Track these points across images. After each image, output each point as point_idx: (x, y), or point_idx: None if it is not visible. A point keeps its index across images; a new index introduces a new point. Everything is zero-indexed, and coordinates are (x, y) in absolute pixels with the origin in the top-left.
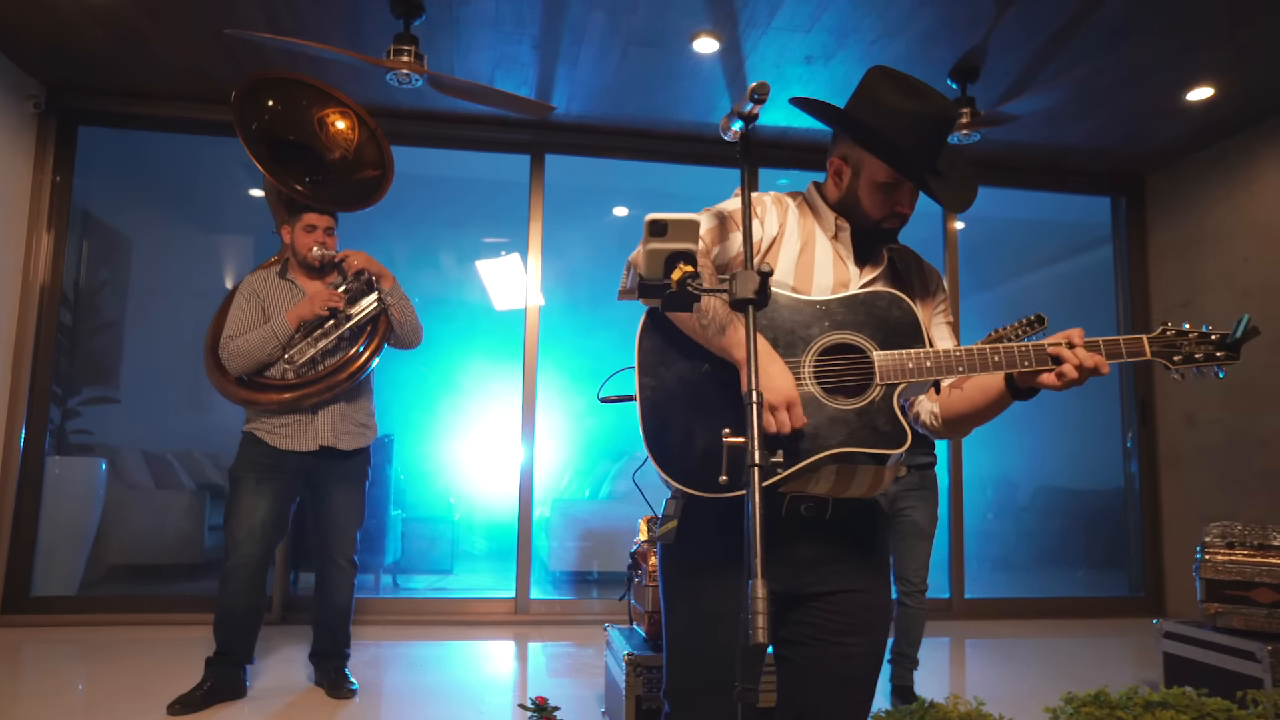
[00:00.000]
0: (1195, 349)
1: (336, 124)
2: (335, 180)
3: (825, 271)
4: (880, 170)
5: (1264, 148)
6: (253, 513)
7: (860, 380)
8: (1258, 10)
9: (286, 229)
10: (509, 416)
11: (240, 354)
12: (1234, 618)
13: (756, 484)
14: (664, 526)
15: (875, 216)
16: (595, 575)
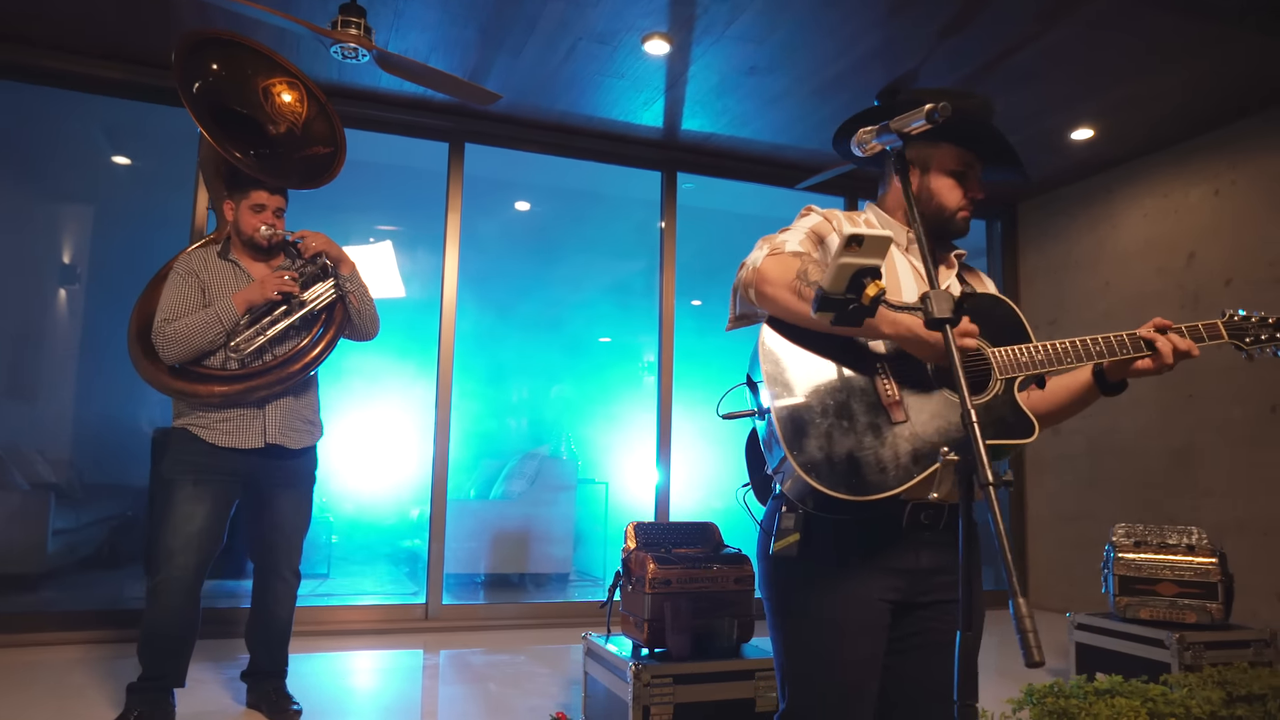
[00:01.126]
0: (1259, 331)
1: (283, 95)
2: (283, 156)
3: (909, 284)
4: (951, 158)
5: (1122, 186)
6: (190, 519)
7: (979, 378)
8: (1133, 70)
9: (229, 205)
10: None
11: (178, 339)
12: (1141, 609)
13: (994, 501)
14: (784, 540)
15: (952, 207)
16: (483, 578)
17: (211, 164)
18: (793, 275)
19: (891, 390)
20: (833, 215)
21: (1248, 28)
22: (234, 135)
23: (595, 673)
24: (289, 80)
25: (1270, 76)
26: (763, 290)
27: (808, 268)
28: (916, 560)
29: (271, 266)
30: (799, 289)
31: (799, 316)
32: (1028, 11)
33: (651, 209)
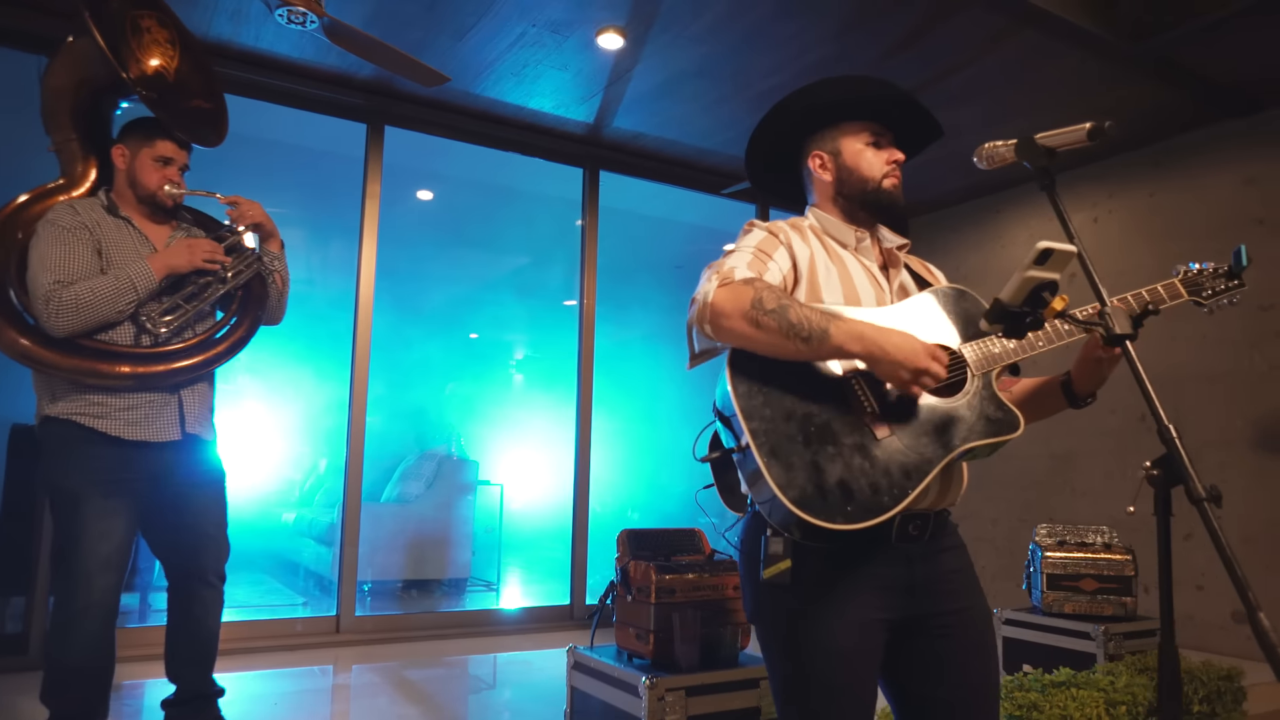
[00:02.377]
0: (1214, 283)
1: (154, 33)
2: (170, 102)
3: (865, 285)
4: (859, 132)
5: (1010, 208)
6: (106, 538)
7: (956, 375)
8: (1053, 99)
9: (121, 152)
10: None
11: (80, 307)
12: (1066, 604)
13: (1212, 517)
14: (774, 567)
15: (876, 175)
16: (369, 585)
17: (66, 96)
18: (748, 304)
19: (871, 405)
20: (777, 228)
21: (1156, 77)
22: None
23: (587, 687)
24: (160, 17)
25: (1148, 119)
26: (719, 324)
27: (762, 295)
28: (910, 574)
29: (170, 229)
30: (757, 318)
31: (761, 346)
32: (965, 42)
33: (557, 205)
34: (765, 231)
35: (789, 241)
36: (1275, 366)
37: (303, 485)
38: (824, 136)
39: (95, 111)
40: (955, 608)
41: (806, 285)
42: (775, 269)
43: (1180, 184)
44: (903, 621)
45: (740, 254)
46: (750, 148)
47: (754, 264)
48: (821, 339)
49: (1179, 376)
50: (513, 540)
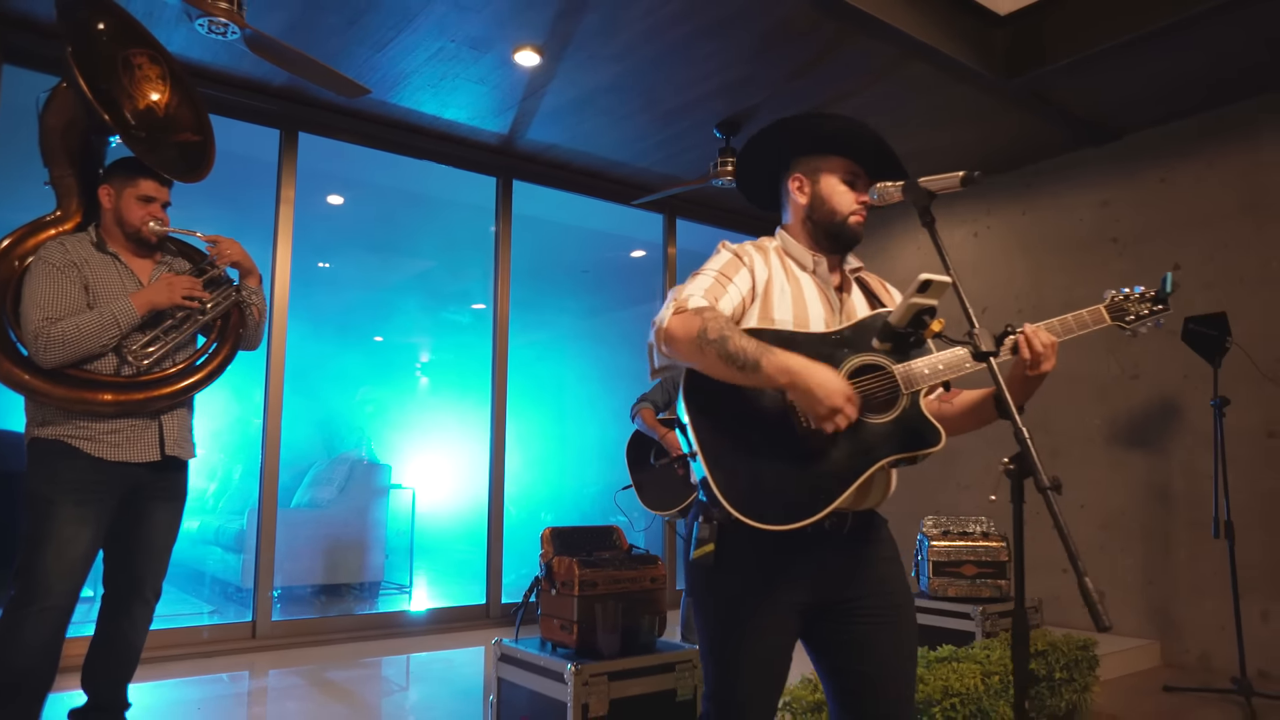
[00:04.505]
0: (1140, 308)
1: (145, 69)
2: (157, 139)
3: (816, 305)
4: (840, 168)
5: (898, 222)
6: (74, 543)
7: (888, 394)
8: (938, 124)
9: (107, 191)
10: None
11: (66, 342)
12: (950, 588)
13: (1054, 503)
14: (701, 549)
15: (844, 211)
16: (279, 591)
17: (58, 134)
18: (695, 333)
19: (807, 423)
20: (743, 251)
21: (1027, 108)
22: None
23: (514, 677)
24: (151, 55)
25: (1020, 144)
26: (671, 348)
27: (708, 325)
28: (824, 564)
29: (154, 262)
30: (701, 346)
31: (706, 369)
32: (859, 70)
33: (476, 213)
34: (731, 254)
35: (751, 264)
36: (1126, 370)
37: (208, 492)
38: (808, 162)
39: (87, 149)
40: (876, 592)
41: (761, 304)
42: (735, 291)
43: (1048, 204)
44: (825, 604)
45: (703, 278)
46: (744, 152)
47: (713, 289)
48: (755, 369)
49: (1048, 378)
50: (427, 543)
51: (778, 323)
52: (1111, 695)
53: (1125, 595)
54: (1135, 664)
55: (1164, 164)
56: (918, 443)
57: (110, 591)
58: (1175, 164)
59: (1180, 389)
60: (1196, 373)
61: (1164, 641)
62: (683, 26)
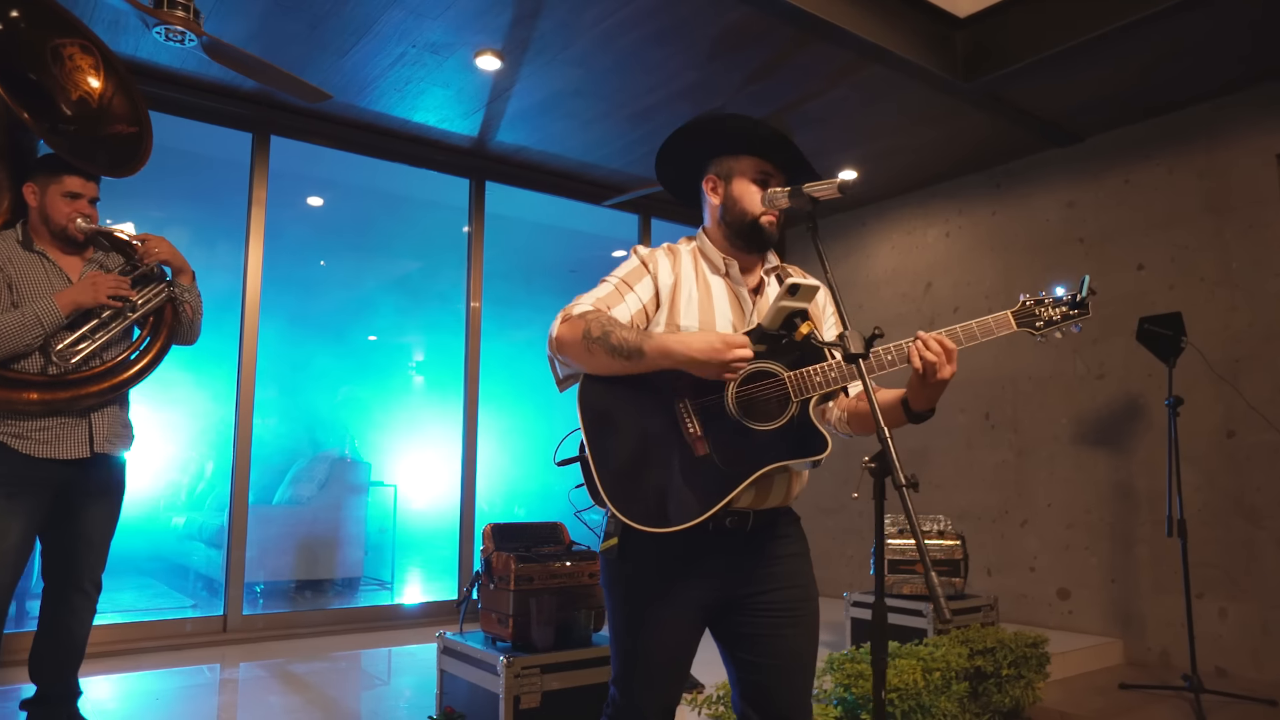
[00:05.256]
0: (1053, 312)
1: (77, 64)
2: (84, 135)
3: (724, 309)
4: (752, 168)
5: (874, 221)
6: (5, 536)
7: (780, 400)
8: (901, 126)
9: (31, 189)
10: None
11: None
12: (905, 585)
13: (909, 503)
14: (606, 543)
15: (755, 211)
16: (261, 586)
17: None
18: (580, 335)
19: (694, 428)
20: (649, 258)
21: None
22: (22, 101)
23: (455, 669)
24: (82, 44)
25: (987, 144)
26: (564, 354)
27: (590, 325)
28: (727, 560)
29: (84, 259)
30: (588, 345)
31: (599, 367)
32: (818, 72)
33: (453, 213)
34: (638, 261)
35: (656, 271)
36: (1091, 370)
37: (192, 489)
38: (721, 163)
39: (16, 144)
40: (779, 588)
41: (667, 310)
42: (634, 299)
43: (1015, 204)
44: (729, 599)
45: (603, 286)
46: (662, 153)
47: (609, 297)
48: (639, 355)
49: (1016, 377)
50: (411, 540)
51: (683, 328)
52: (1066, 692)
53: (1090, 594)
54: (1097, 661)
55: (1127, 165)
56: (804, 450)
57: (50, 584)
58: (1137, 165)
59: (1144, 388)
60: (1160, 372)
61: (1126, 639)
62: (634, 32)
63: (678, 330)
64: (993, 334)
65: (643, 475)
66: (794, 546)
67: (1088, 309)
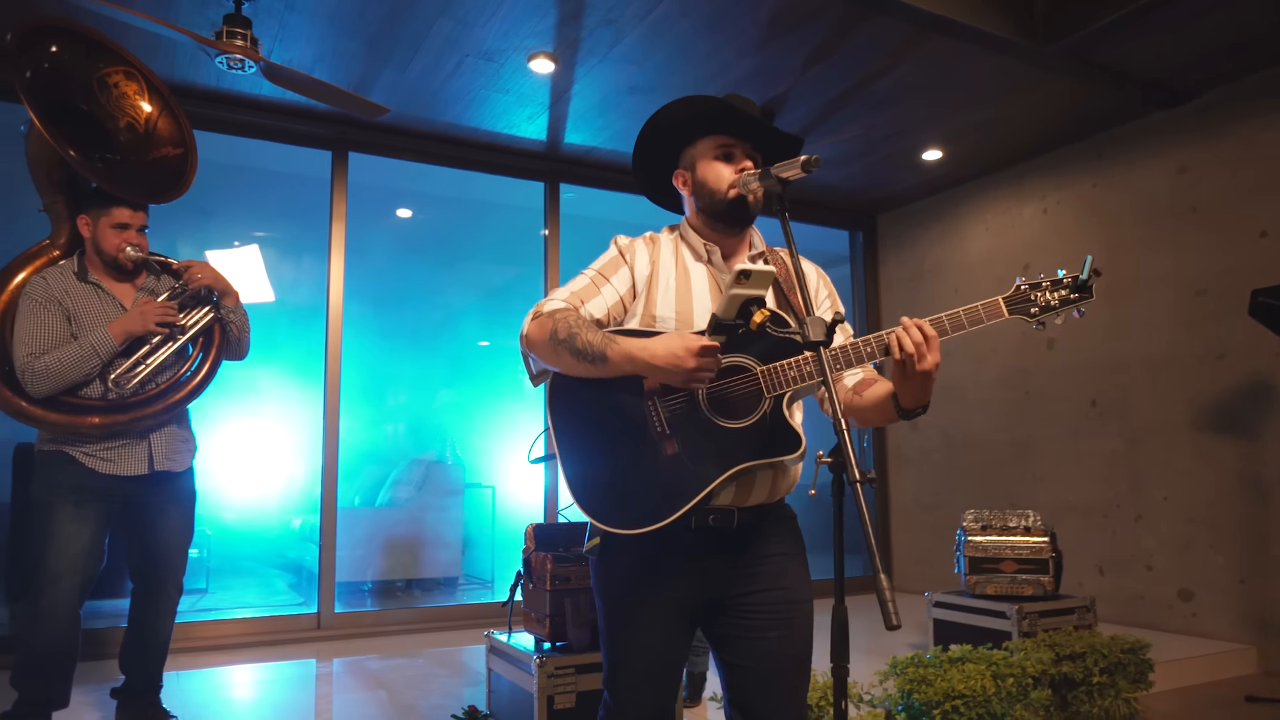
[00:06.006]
0: (1051, 296)
1: (122, 86)
2: (132, 161)
3: (704, 298)
4: (710, 147)
5: (968, 202)
6: (74, 540)
7: (753, 396)
8: (982, 98)
9: (85, 221)
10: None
11: (50, 374)
12: (988, 585)
13: (860, 496)
14: (590, 542)
15: (723, 188)
16: (369, 585)
17: (43, 164)
18: (548, 336)
19: (662, 427)
20: (628, 248)
21: (1083, 74)
22: (71, 135)
23: (499, 668)
24: (126, 71)
25: (1084, 112)
26: (533, 352)
27: (557, 326)
28: (711, 559)
29: (136, 286)
30: (554, 347)
31: (566, 368)
32: (879, 49)
33: (534, 216)
34: (616, 251)
35: (633, 261)
36: (1210, 350)
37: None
38: (685, 155)
39: (73, 179)
40: (759, 589)
41: (645, 300)
42: (610, 291)
43: (1119, 174)
44: (716, 599)
45: (580, 278)
46: (639, 181)
47: (584, 290)
48: (603, 360)
49: (1125, 360)
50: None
51: (659, 319)
52: (1181, 703)
53: (1216, 596)
54: (1224, 670)
55: (1247, 123)
56: (775, 449)
57: (137, 587)
58: (1260, 122)
59: (1273, 368)
60: None
61: (1262, 647)
62: (681, 24)
63: (654, 321)
64: (982, 322)
65: (612, 475)
66: (781, 546)
67: (1090, 292)
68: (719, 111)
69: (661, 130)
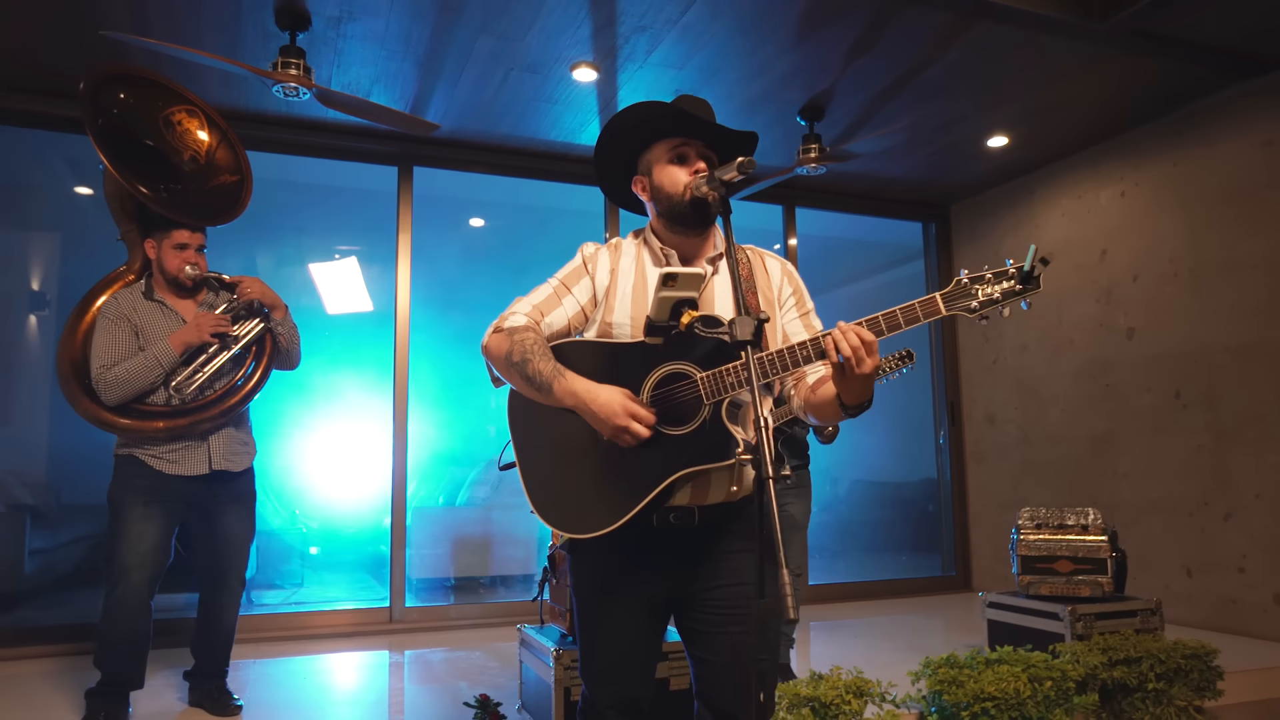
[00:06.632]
0: (994, 289)
1: (185, 123)
2: (193, 189)
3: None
4: (664, 151)
5: (1041, 188)
6: (143, 538)
7: (696, 401)
8: (1041, 80)
9: (150, 244)
10: (359, 424)
11: (120, 383)
12: (1042, 586)
13: (772, 493)
14: (563, 539)
15: (679, 190)
16: (452, 581)
17: (117, 199)
18: (503, 355)
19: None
20: (591, 257)
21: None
22: (140, 170)
23: (528, 661)
24: (188, 109)
25: (1159, 88)
26: (490, 363)
27: (513, 348)
28: (673, 556)
29: (197, 302)
30: (506, 367)
31: (516, 386)
32: (922, 38)
33: (596, 220)
34: (580, 261)
35: (594, 271)
36: None
37: None
38: (641, 160)
39: (144, 208)
40: (720, 585)
41: (603, 308)
42: (572, 302)
43: (1201, 152)
44: (680, 595)
45: (543, 288)
46: (605, 195)
47: (547, 302)
48: (549, 392)
49: (1210, 348)
50: None
51: (615, 326)
52: (1259, 715)
53: None
54: None
55: None
56: (713, 455)
57: (203, 581)
58: None
59: None
60: None
61: None
62: (714, 26)
63: (610, 328)
64: (920, 320)
65: (563, 480)
66: (743, 543)
67: (1037, 283)
68: (664, 116)
69: (617, 138)
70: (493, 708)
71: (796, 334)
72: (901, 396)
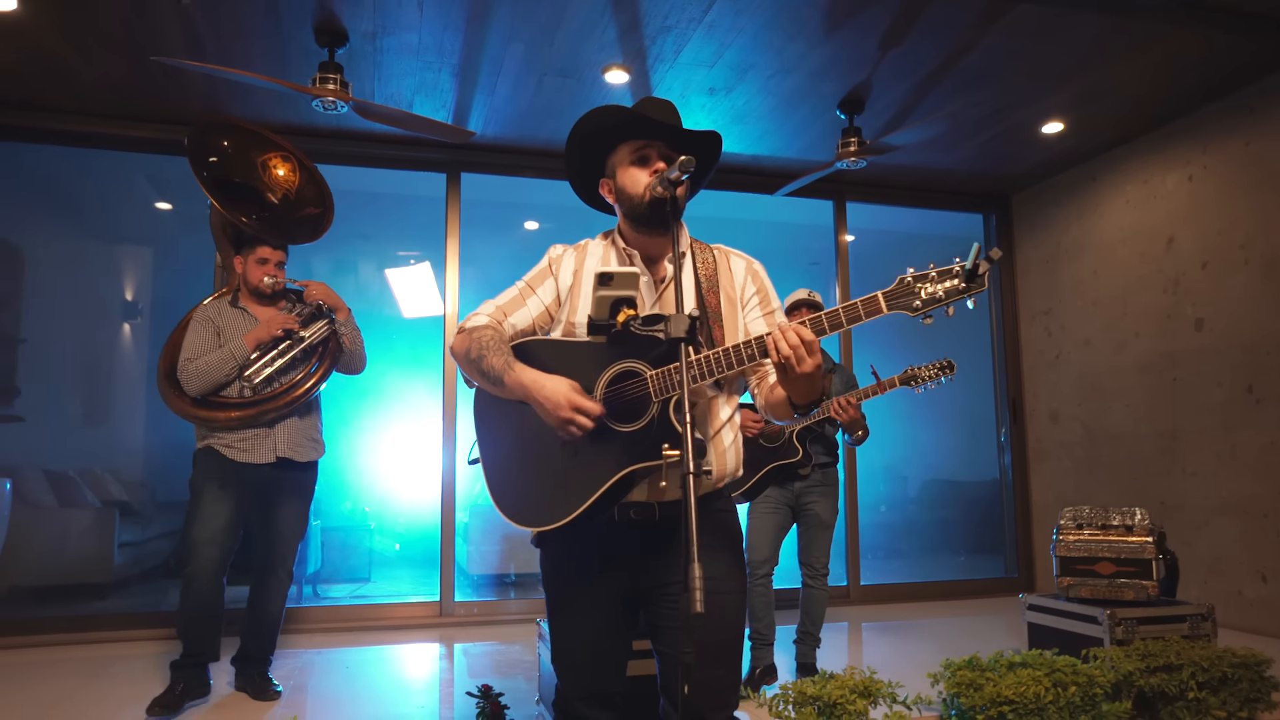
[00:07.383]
0: (937, 288)
1: (278, 170)
2: (282, 217)
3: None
4: (626, 154)
5: (1105, 174)
6: (215, 518)
7: (643, 400)
8: (1090, 62)
9: (239, 260)
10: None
11: (199, 375)
12: (1082, 588)
13: (692, 489)
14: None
15: (640, 192)
16: (513, 578)
17: (220, 228)
18: (463, 352)
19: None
20: (556, 259)
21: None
22: (238, 200)
23: (545, 654)
24: (283, 154)
25: (1225, 64)
26: (458, 363)
27: (470, 346)
28: (636, 551)
29: (277, 309)
30: (465, 364)
31: (479, 383)
32: (956, 23)
33: None
34: (546, 262)
35: (558, 272)
36: None
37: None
38: (608, 164)
39: (242, 235)
40: (680, 579)
41: (567, 308)
42: (536, 303)
43: (1275, 129)
44: (639, 590)
45: (508, 291)
46: (581, 198)
47: (512, 301)
48: (501, 384)
49: (1273, 345)
50: None
51: (578, 326)
52: None
53: None
54: None
55: None
56: (654, 453)
57: (255, 570)
58: None
59: None
60: None
61: None
62: (738, 23)
63: (573, 328)
64: (861, 320)
65: (521, 475)
66: (704, 538)
67: (982, 281)
68: (631, 121)
69: (583, 143)
70: (494, 698)
71: (759, 332)
72: (962, 394)
